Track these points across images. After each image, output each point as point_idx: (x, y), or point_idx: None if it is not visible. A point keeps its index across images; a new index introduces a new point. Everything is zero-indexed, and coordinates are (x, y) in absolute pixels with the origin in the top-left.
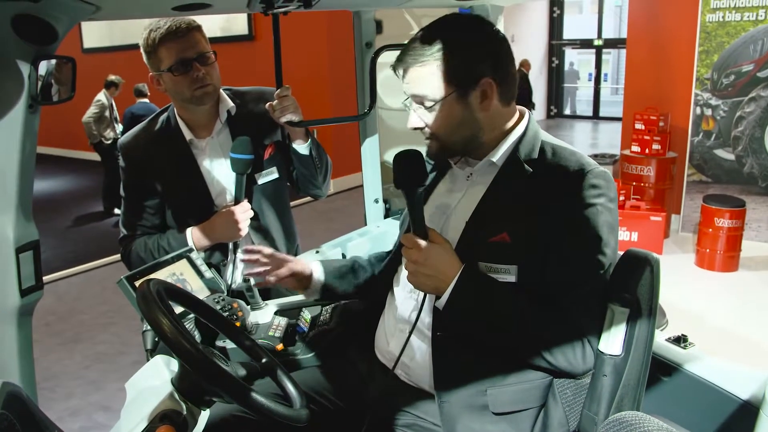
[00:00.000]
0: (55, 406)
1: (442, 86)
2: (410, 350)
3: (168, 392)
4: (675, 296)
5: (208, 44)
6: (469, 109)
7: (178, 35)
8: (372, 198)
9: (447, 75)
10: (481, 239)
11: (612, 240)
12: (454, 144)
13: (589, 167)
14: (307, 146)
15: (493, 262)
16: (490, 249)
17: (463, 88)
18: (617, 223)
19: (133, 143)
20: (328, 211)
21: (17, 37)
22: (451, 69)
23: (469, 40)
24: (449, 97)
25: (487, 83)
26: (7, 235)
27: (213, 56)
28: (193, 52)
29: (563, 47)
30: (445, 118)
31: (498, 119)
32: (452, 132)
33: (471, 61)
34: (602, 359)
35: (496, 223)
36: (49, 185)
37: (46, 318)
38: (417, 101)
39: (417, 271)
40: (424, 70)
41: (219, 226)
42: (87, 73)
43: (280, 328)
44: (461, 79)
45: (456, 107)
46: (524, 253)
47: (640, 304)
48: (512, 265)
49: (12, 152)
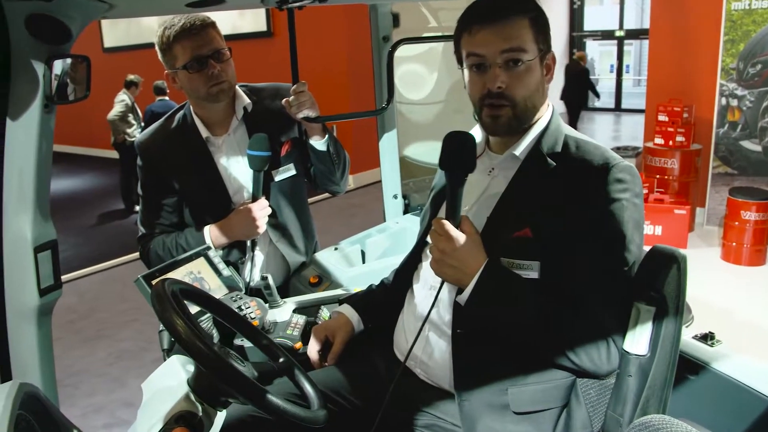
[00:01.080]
0: (78, 402)
1: (533, 44)
2: (429, 348)
3: (184, 393)
4: (700, 291)
5: (222, 41)
6: (542, 76)
7: (193, 32)
8: (391, 194)
9: (537, 35)
10: (503, 235)
11: (637, 237)
12: (528, 111)
13: (614, 161)
14: (324, 142)
15: (515, 257)
16: (513, 245)
17: (544, 53)
18: (643, 219)
19: (150, 141)
20: (347, 207)
21: (31, 36)
22: (540, 30)
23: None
24: (536, 57)
25: (551, 56)
26: (25, 235)
27: (228, 53)
28: (207, 49)
29: (584, 39)
30: (530, 79)
31: (544, 98)
32: (529, 96)
33: (547, 31)
34: (627, 359)
35: (518, 218)
36: (71, 183)
37: (68, 316)
38: (506, 57)
39: (442, 260)
40: (518, 23)
41: (237, 224)
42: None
43: (299, 326)
44: (545, 43)
45: (538, 70)
46: (547, 248)
47: (666, 302)
48: (534, 261)
49: (29, 152)
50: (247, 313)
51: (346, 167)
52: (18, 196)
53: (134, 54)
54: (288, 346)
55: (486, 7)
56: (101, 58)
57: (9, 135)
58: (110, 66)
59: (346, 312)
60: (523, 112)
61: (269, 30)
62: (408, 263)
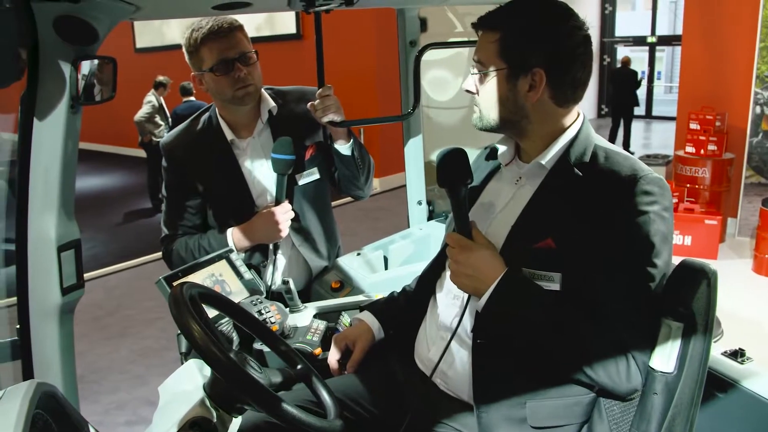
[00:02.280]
0: (101, 399)
1: (497, 59)
2: (450, 358)
3: (199, 398)
4: (731, 305)
5: (249, 44)
6: (514, 93)
7: (220, 35)
8: (415, 200)
9: (503, 51)
10: (525, 244)
11: (665, 251)
12: (491, 119)
13: (642, 173)
14: (349, 146)
15: (537, 268)
16: (535, 255)
17: (515, 69)
18: (672, 233)
19: (174, 143)
20: (373, 210)
21: (59, 38)
22: (508, 47)
23: (536, 26)
24: (499, 72)
25: (538, 75)
26: (49, 234)
27: (255, 56)
28: (234, 52)
29: (615, 45)
30: (490, 91)
31: (548, 115)
32: (491, 106)
33: (527, 48)
34: (653, 376)
35: (541, 228)
36: (101, 181)
37: (94, 312)
38: (475, 65)
39: (458, 271)
40: (487, 37)
41: (259, 227)
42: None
43: (319, 331)
44: (516, 60)
45: (503, 85)
46: (569, 260)
47: (695, 318)
48: (556, 273)
49: (54, 152)
50: (267, 318)
51: (371, 172)
52: (43, 195)
53: (166, 55)
54: (307, 352)
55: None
56: (133, 59)
57: (36, 135)
58: (142, 66)
59: (367, 320)
60: (489, 119)
61: (299, 32)
62: (431, 271)
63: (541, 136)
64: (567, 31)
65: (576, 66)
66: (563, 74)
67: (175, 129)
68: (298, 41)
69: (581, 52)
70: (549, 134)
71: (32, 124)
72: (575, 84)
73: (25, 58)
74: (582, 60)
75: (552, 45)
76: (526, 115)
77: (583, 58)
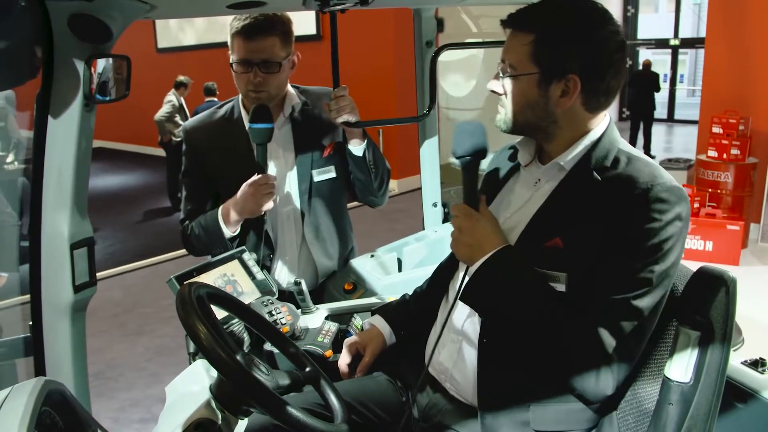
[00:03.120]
0: (117, 395)
1: (528, 62)
2: (460, 362)
3: (205, 400)
4: (752, 312)
5: (283, 50)
6: (546, 98)
7: (250, 36)
8: (430, 201)
9: (536, 54)
10: (535, 243)
11: (671, 259)
12: (518, 122)
13: (659, 179)
14: (361, 148)
15: (544, 268)
16: (543, 254)
17: (549, 74)
18: (682, 243)
19: (196, 127)
20: (391, 212)
21: (73, 35)
22: (542, 51)
23: (573, 30)
24: (531, 75)
25: (573, 81)
26: (62, 231)
27: (278, 66)
28: (257, 57)
29: (637, 47)
30: (519, 94)
31: (577, 121)
32: (519, 110)
33: (566, 53)
34: (668, 386)
35: (551, 227)
36: (121, 180)
37: (113, 309)
38: (503, 66)
39: (459, 239)
40: (519, 38)
41: (240, 199)
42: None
43: (330, 333)
44: (550, 64)
45: (534, 89)
46: (575, 260)
47: (713, 327)
48: (562, 273)
49: (68, 150)
50: (278, 319)
51: (384, 179)
52: (56, 193)
53: (187, 55)
54: (318, 354)
55: (508, 16)
56: (154, 58)
57: (50, 132)
58: (163, 66)
59: (378, 324)
60: (515, 122)
61: (318, 33)
62: (442, 273)
63: (566, 139)
64: (605, 35)
65: (611, 73)
66: (599, 81)
67: (199, 114)
68: (317, 42)
69: (618, 58)
70: (572, 137)
71: (47, 121)
72: (609, 91)
73: (40, 56)
74: (617, 66)
75: (590, 50)
76: (555, 120)
77: (618, 65)
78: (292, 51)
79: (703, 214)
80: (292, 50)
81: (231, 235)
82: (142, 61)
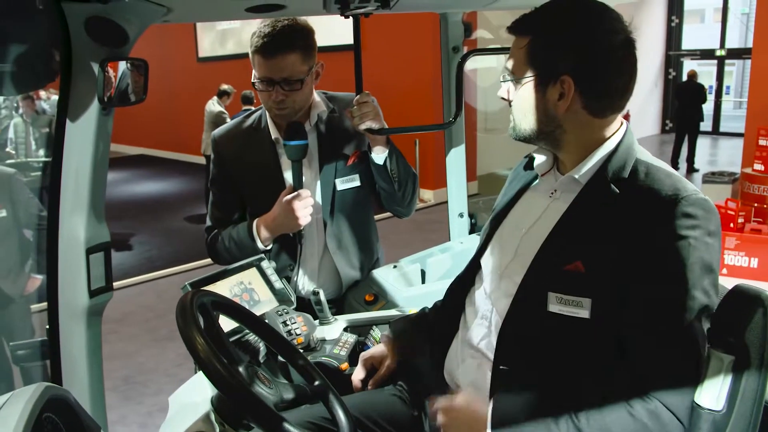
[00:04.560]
0: (145, 400)
1: (525, 65)
2: (478, 381)
3: (204, 412)
4: None
5: (304, 65)
6: (545, 101)
7: (270, 54)
8: (456, 212)
9: (532, 56)
10: (553, 266)
11: (706, 281)
12: (524, 129)
13: (684, 193)
14: (383, 156)
15: (564, 293)
16: (563, 278)
17: (544, 76)
18: (717, 262)
19: (224, 136)
20: (425, 223)
21: (90, 39)
22: (536, 53)
23: (564, 30)
24: (528, 80)
25: (567, 83)
26: (78, 236)
27: (302, 82)
28: (278, 76)
29: (681, 58)
30: (521, 99)
31: (583, 126)
32: (523, 115)
33: (553, 54)
34: (699, 413)
35: (571, 249)
36: (162, 187)
37: (145, 314)
38: (505, 72)
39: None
40: (517, 42)
41: (278, 216)
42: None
43: (348, 345)
44: (544, 66)
45: (533, 93)
46: (599, 285)
47: (748, 351)
48: (586, 299)
49: (85, 153)
50: (293, 329)
51: (408, 189)
52: (74, 196)
53: (227, 64)
54: (333, 366)
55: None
56: (195, 68)
57: (68, 136)
58: (204, 75)
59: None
60: (521, 127)
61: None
62: (460, 286)
63: (577, 147)
64: (600, 34)
65: (610, 72)
66: (595, 82)
67: (229, 123)
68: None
69: (618, 56)
70: (587, 145)
71: (65, 125)
72: (611, 92)
73: (58, 60)
74: (619, 66)
75: (580, 50)
76: (560, 125)
77: (620, 64)
78: (314, 62)
79: (748, 230)
80: (315, 61)
81: (264, 249)
82: (183, 71)
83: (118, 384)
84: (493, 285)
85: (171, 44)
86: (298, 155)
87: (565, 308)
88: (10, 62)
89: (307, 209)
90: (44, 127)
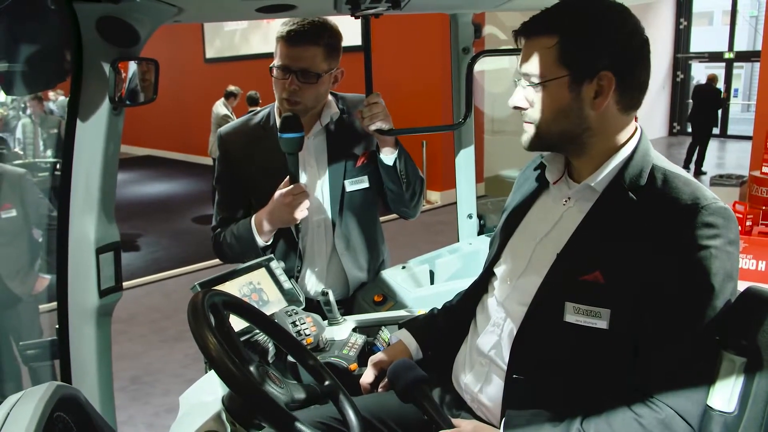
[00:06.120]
0: (153, 401)
1: (556, 66)
2: (488, 387)
3: (216, 412)
4: None
5: (325, 62)
6: (579, 101)
7: (294, 42)
8: (465, 213)
9: (565, 55)
10: (571, 276)
11: (727, 290)
12: (551, 134)
13: (705, 201)
14: (392, 157)
15: (582, 303)
16: (581, 288)
17: (579, 75)
18: (737, 270)
19: (231, 133)
20: (433, 224)
21: (101, 38)
22: (572, 50)
23: (603, 26)
24: (561, 79)
25: (606, 78)
26: (88, 236)
27: (318, 77)
28: (297, 65)
29: (689, 60)
30: (550, 102)
31: (610, 124)
32: (552, 120)
33: (596, 49)
34: (710, 415)
35: (589, 259)
36: (169, 187)
37: (153, 315)
38: (526, 77)
39: None
40: (540, 43)
41: (274, 209)
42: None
43: (357, 346)
44: (580, 64)
45: (565, 93)
46: (619, 296)
47: (760, 353)
48: (605, 309)
49: (96, 153)
50: (302, 329)
51: (417, 191)
52: (84, 196)
53: (234, 65)
54: (342, 367)
55: (522, 25)
56: (202, 69)
57: (78, 136)
58: (210, 77)
59: (405, 339)
60: (548, 135)
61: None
62: (473, 292)
63: (597, 152)
64: (630, 29)
65: (641, 67)
66: (632, 76)
67: (236, 120)
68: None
69: (645, 52)
70: (605, 151)
71: (75, 125)
72: (641, 87)
73: (69, 59)
74: (646, 60)
75: (620, 45)
76: (589, 126)
77: (645, 60)
78: (336, 66)
79: (756, 233)
80: (337, 65)
81: (264, 245)
82: (190, 72)
83: (126, 384)
84: (505, 293)
85: (178, 45)
86: (293, 147)
87: (582, 318)
88: (21, 62)
89: (303, 203)
90: (53, 128)
